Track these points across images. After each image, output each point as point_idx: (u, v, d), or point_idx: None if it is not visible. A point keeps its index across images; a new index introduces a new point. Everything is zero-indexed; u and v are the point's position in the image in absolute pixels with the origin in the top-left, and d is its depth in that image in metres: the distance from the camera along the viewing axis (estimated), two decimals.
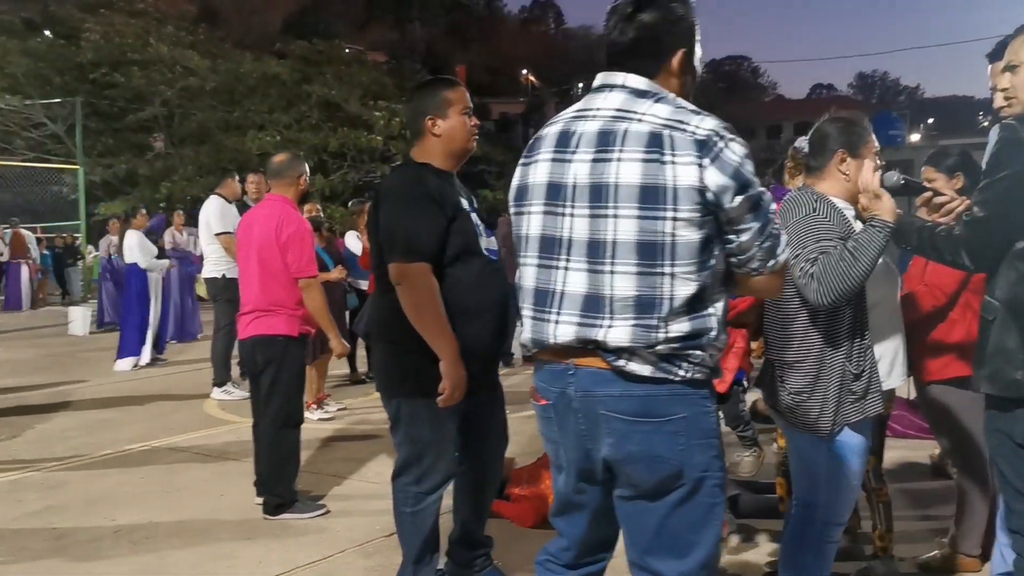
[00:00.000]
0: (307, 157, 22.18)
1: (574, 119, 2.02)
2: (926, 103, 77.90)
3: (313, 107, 23.96)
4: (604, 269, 1.90)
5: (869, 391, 2.68)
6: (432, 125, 3.11)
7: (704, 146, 1.84)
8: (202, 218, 7.93)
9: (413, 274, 2.91)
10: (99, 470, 5.54)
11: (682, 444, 1.91)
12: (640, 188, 1.85)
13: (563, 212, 1.97)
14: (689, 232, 1.84)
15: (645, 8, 1.98)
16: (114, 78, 23.46)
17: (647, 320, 1.87)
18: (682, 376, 1.90)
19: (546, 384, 2.04)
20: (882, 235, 2.54)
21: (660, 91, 1.96)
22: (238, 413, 7.09)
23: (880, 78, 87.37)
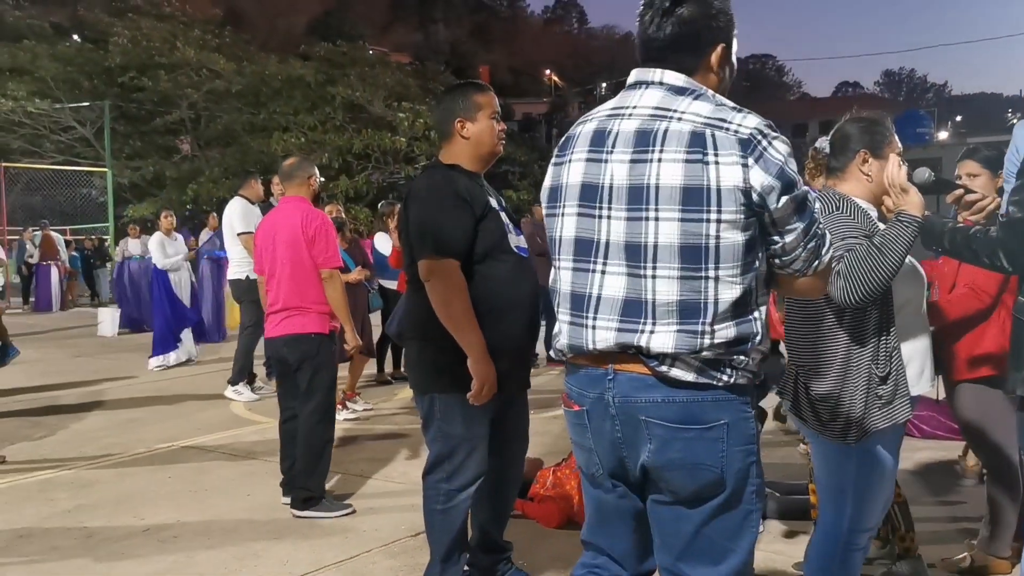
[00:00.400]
0: (332, 158, 22.33)
1: (609, 117, 1.95)
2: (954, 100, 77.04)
3: (337, 109, 24.08)
4: (644, 273, 1.84)
5: (896, 396, 2.58)
6: (461, 127, 3.15)
7: (748, 145, 1.78)
8: (225, 219, 8.01)
9: (441, 271, 2.96)
10: (128, 469, 5.60)
11: (723, 451, 1.86)
12: (682, 189, 1.79)
13: (599, 214, 1.91)
14: (733, 234, 1.79)
15: (683, 2, 1.90)
16: (142, 82, 23.75)
17: (692, 325, 1.81)
18: (726, 381, 1.85)
19: (581, 389, 1.98)
20: (910, 230, 2.46)
21: (699, 88, 1.90)
22: (265, 413, 7.14)
23: (907, 75, 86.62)
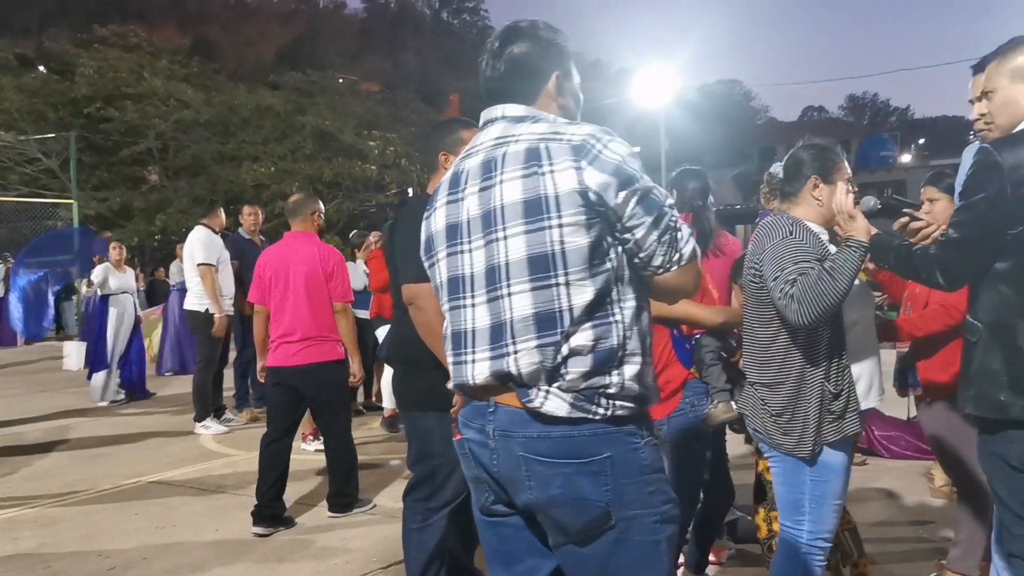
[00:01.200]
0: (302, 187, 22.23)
1: (462, 160, 2.02)
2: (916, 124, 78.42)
3: (307, 137, 24.07)
4: (501, 293, 1.86)
5: (847, 411, 2.74)
6: (445, 160, 3.24)
7: (581, 150, 1.81)
8: (187, 248, 7.91)
9: (423, 294, 3.02)
10: (94, 506, 5.50)
11: (608, 484, 1.82)
12: (523, 203, 1.82)
13: (462, 249, 1.95)
14: (577, 237, 1.80)
15: (512, 41, 2.00)
16: (108, 112, 23.58)
17: (549, 336, 1.80)
18: (602, 414, 1.81)
19: (466, 420, 1.98)
20: (857, 255, 2.59)
21: (538, 113, 1.97)
22: (234, 446, 7.05)
23: (871, 100, 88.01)
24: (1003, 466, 2.42)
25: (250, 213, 8.42)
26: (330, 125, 24.08)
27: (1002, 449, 2.42)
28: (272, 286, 4.96)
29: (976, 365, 2.43)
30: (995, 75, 2.51)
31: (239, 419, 8.07)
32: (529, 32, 2.01)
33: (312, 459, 6.47)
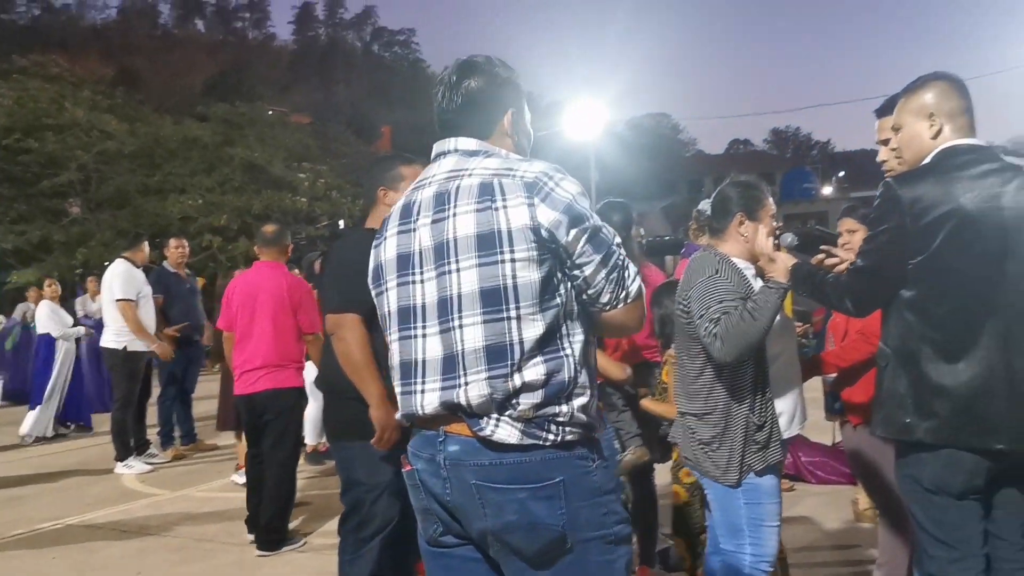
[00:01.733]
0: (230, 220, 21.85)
1: (414, 190, 2.05)
2: (837, 157, 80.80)
3: (236, 169, 23.75)
4: (453, 325, 1.88)
5: (771, 441, 2.85)
6: (383, 195, 3.32)
7: (533, 187, 1.85)
8: (105, 282, 7.66)
9: (344, 324, 3.10)
10: (10, 551, 5.27)
11: (562, 508, 1.84)
12: (476, 237, 1.85)
13: (413, 280, 1.97)
14: (528, 272, 1.83)
15: (469, 75, 2.03)
16: (27, 143, 22.90)
17: (500, 369, 1.83)
18: (552, 440, 1.84)
19: (416, 450, 1.98)
20: (777, 295, 2.71)
21: (491, 148, 2.00)
22: (159, 485, 6.86)
23: (793, 133, 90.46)
24: (918, 488, 2.50)
25: (177, 246, 8.27)
26: (259, 157, 23.82)
27: (916, 471, 2.50)
28: (239, 313, 5.10)
29: (884, 389, 2.53)
30: (902, 112, 2.63)
31: (164, 457, 7.86)
32: (486, 68, 2.05)
33: (238, 495, 6.31)
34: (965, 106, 2.56)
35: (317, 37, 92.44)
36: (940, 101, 2.55)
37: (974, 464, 2.42)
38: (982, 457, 2.41)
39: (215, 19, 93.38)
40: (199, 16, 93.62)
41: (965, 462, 2.42)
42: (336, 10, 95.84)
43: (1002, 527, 2.52)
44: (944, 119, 2.54)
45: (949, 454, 2.41)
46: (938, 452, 2.43)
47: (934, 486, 2.46)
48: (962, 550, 2.46)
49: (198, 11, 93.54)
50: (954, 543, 2.46)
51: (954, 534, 2.46)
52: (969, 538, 2.47)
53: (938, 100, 2.55)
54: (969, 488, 2.44)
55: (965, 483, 2.44)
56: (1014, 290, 2.39)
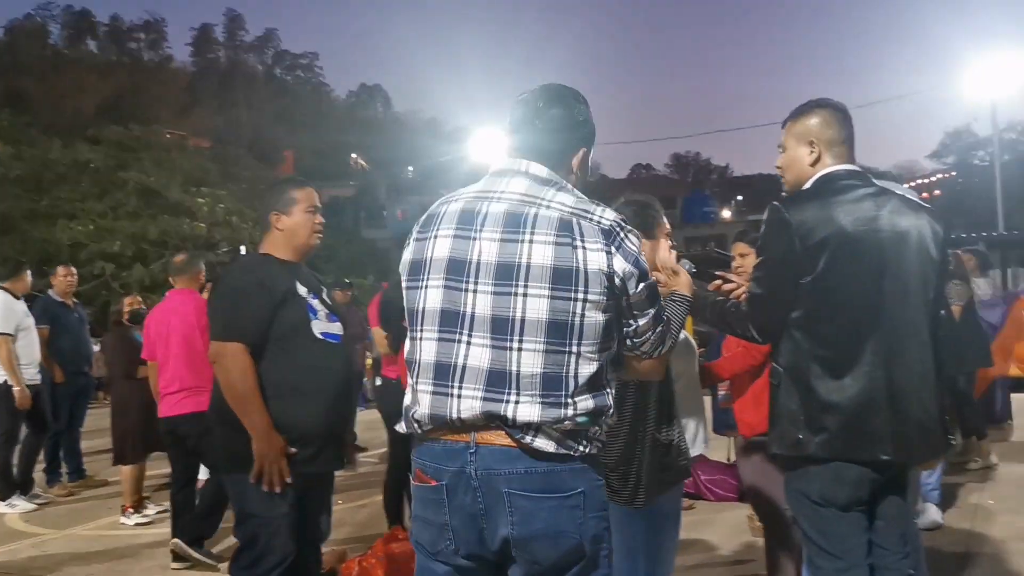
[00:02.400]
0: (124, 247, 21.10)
1: (477, 199, 2.05)
2: (736, 181, 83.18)
3: (129, 194, 23.04)
4: (510, 345, 1.93)
5: (678, 459, 2.82)
6: (276, 220, 3.26)
7: (610, 235, 1.95)
8: None
9: (226, 353, 3.04)
10: None
11: (580, 518, 1.96)
12: (553, 269, 1.92)
13: (466, 288, 1.98)
14: (595, 314, 1.93)
15: (556, 104, 2.10)
16: None
17: (554, 397, 1.92)
18: (581, 451, 1.96)
19: (439, 463, 1.99)
20: (682, 308, 2.66)
21: (561, 181, 2.06)
22: (44, 524, 6.52)
23: (694, 158, 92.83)
24: (805, 501, 2.58)
25: (65, 275, 7.94)
26: (155, 181, 23.17)
27: (803, 485, 2.57)
28: (156, 341, 5.35)
29: (778, 406, 2.60)
30: (787, 134, 2.73)
31: (50, 495, 7.49)
32: (573, 102, 2.13)
33: (135, 533, 6.08)
34: (845, 135, 2.66)
35: (217, 59, 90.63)
36: (821, 129, 2.65)
37: (858, 476, 2.50)
38: (866, 469, 2.50)
39: (108, 40, 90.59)
40: (92, 36, 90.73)
41: (850, 475, 2.50)
42: (236, 32, 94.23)
43: (884, 536, 2.62)
44: (823, 146, 2.64)
45: (836, 467, 2.50)
46: (825, 466, 2.50)
47: (821, 499, 2.53)
48: (847, 560, 2.54)
49: (91, 31, 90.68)
50: (840, 553, 2.54)
51: (840, 545, 2.54)
52: (854, 548, 2.55)
53: (819, 128, 2.65)
54: (854, 500, 2.53)
55: (850, 495, 2.52)
56: (892, 308, 2.50)
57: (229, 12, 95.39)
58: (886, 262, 2.50)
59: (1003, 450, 7.47)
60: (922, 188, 36.55)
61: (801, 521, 2.63)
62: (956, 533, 5.11)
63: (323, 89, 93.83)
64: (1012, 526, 5.22)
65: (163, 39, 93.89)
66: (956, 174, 40.95)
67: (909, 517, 2.78)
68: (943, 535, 5.07)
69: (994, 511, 5.63)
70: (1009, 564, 4.52)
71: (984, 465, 6.90)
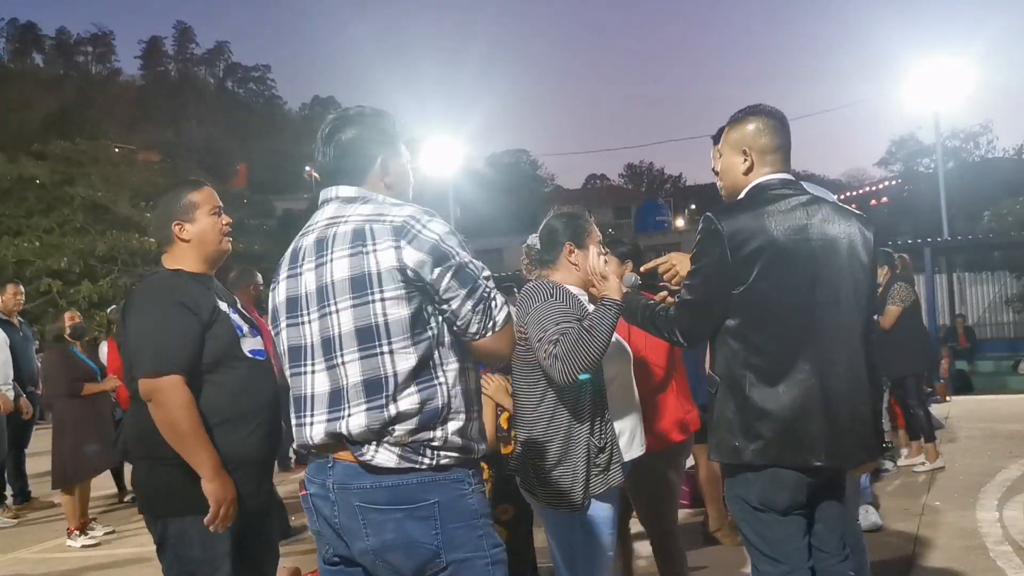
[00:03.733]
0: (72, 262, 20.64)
1: (300, 236, 2.21)
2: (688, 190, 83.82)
3: (77, 210, 22.61)
4: (338, 362, 2.04)
5: (612, 463, 2.86)
6: (180, 230, 2.96)
7: (401, 231, 2.01)
8: None
9: (163, 388, 2.70)
10: None
11: (436, 528, 1.99)
12: (350, 280, 2.02)
13: (301, 321, 2.13)
14: (398, 309, 1.99)
15: (342, 128, 2.20)
16: None
17: (376, 400, 1.99)
18: (428, 464, 1.99)
19: (311, 476, 2.14)
20: (612, 312, 2.73)
21: (368, 195, 2.16)
22: None
23: (647, 168, 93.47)
24: (746, 507, 2.61)
25: (14, 293, 7.80)
26: (103, 196, 22.77)
27: (743, 491, 2.60)
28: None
29: (716, 415, 2.62)
30: (724, 141, 2.75)
31: None
32: (356, 119, 2.22)
33: (82, 555, 5.94)
34: (779, 143, 2.67)
35: (167, 72, 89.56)
36: (755, 137, 2.66)
37: (796, 481, 2.53)
38: (803, 474, 2.53)
39: (55, 53, 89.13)
40: (38, 50, 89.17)
41: (788, 479, 2.53)
42: (187, 45, 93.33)
43: (823, 540, 2.65)
44: (756, 155, 2.66)
45: (773, 473, 2.52)
46: (763, 472, 2.53)
47: (761, 503, 2.56)
48: (790, 564, 2.57)
49: (36, 45, 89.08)
50: (781, 557, 2.57)
51: (780, 549, 2.57)
52: (794, 552, 2.58)
53: (753, 136, 2.66)
54: (793, 504, 2.56)
55: (789, 499, 2.55)
56: (825, 315, 2.53)
57: (179, 25, 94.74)
58: (818, 270, 2.54)
59: (950, 451, 7.64)
60: (870, 195, 37.42)
61: (742, 527, 2.66)
62: (904, 535, 5.19)
63: (276, 101, 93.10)
64: (958, 526, 5.33)
65: (111, 52, 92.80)
66: (902, 181, 41.79)
67: (849, 520, 2.83)
68: (891, 537, 5.15)
69: (941, 511, 5.74)
70: (956, 564, 4.60)
71: (933, 467, 7.04)
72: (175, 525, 2.84)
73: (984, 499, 5.97)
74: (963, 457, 7.57)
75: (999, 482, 6.47)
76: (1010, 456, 7.41)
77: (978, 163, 37.98)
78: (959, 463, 7.30)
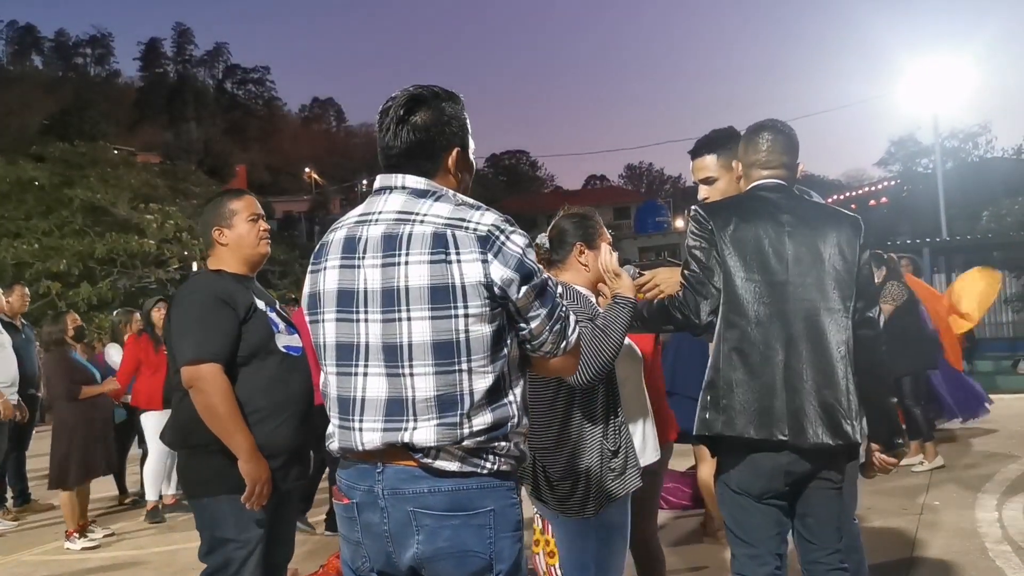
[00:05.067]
0: (71, 265, 20.60)
1: (358, 224, 2.02)
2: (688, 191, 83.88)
3: (76, 212, 22.53)
4: (402, 372, 1.91)
5: (627, 467, 2.79)
6: (219, 235, 3.22)
7: (487, 241, 1.89)
8: None
9: (204, 376, 2.94)
10: None
11: (491, 537, 1.92)
12: (430, 289, 1.88)
13: (357, 318, 1.96)
14: (481, 327, 1.88)
15: (417, 110, 2.01)
16: None
17: (450, 418, 1.89)
18: (489, 468, 1.93)
19: (352, 482, 2.01)
20: (627, 310, 2.73)
21: (439, 189, 2.00)
22: None
23: (647, 169, 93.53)
24: (726, 490, 2.74)
25: (21, 295, 7.85)
26: (102, 198, 22.72)
27: (725, 476, 2.74)
28: None
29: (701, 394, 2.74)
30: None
31: None
32: (433, 103, 2.02)
33: (81, 558, 5.94)
34: (786, 154, 2.82)
35: (165, 74, 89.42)
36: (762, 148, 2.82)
37: (772, 468, 2.65)
38: (780, 460, 2.64)
39: (54, 55, 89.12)
40: (37, 52, 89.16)
41: (764, 466, 2.65)
42: (185, 47, 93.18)
43: (814, 532, 2.75)
44: (762, 164, 2.82)
45: (751, 459, 2.66)
46: (741, 457, 2.67)
47: (739, 488, 2.71)
48: (758, 548, 2.70)
49: (35, 47, 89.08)
50: (751, 540, 2.71)
51: (752, 533, 2.71)
52: (765, 538, 2.70)
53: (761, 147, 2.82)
54: (768, 490, 2.68)
55: (764, 486, 2.67)
56: (797, 300, 2.66)
57: (178, 26, 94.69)
58: (798, 264, 2.67)
59: (948, 451, 7.65)
60: (869, 195, 37.36)
61: (722, 509, 2.79)
62: (903, 535, 5.20)
63: (275, 103, 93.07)
64: (957, 526, 5.33)
65: (110, 54, 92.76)
66: (901, 181, 41.78)
67: (845, 515, 2.90)
68: (890, 537, 5.16)
69: (940, 510, 5.75)
70: (956, 564, 4.61)
71: (932, 467, 7.05)
72: (212, 505, 3.08)
73: (983, 499, 5.98)
74: (962, 457, 7.58)
75: (998, 482, 6.48)
76: (1009, 456, 7.42)
77: (977, 163, 37.97)
78: (958, 463, 7.31)
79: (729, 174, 3.04)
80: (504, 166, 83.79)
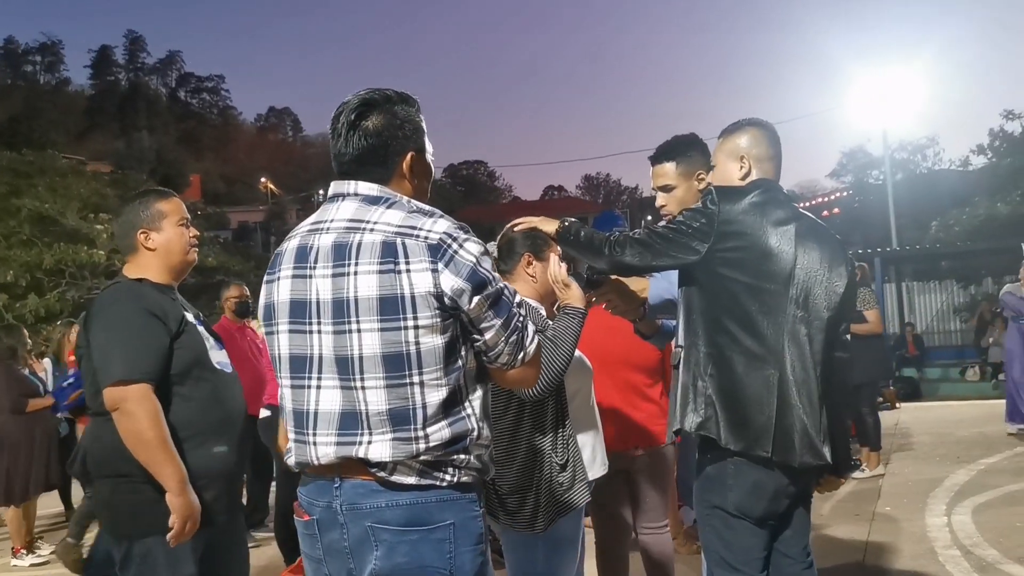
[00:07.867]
0: (18, 276, 20.12)
1: (310, 232, 1.96)
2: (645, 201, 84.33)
3: (23, 222, 22.03)
4: (355, 385, 1.86)
5: (576, 481, 2.75)
6: (145, 239, 2.90)
7: (437, 250, 1.82)
8: None
9: (131, 397, 2.61)
10: None
11: (450, 552, 1.86)
12: (379, 300, 1.82)
13: (309, 330, 1.91)
14: (432, 338, 1.83)
15: (368, 115, 1.94)
16: None
17: (404, 432, 1.83)
18: (449, 481, 1.87)
19: (312, 498, 1.94)
20: (576, 321, 2.68)
21: (392, 195, 1.93)
22: None
23: (604, 179, 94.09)
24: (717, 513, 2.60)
25: None
26: (50, 208, 22.23)
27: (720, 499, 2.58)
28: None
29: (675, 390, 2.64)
30: (717, 152, 2.79)
31: None
32: (385, 106, 1.95)
33: (29, 574, 5.79)
34: (773, 152, 2.75)
35: (117, 82, 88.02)
36: (751, 145, 2.72)
37: (776, 489, 2.54)
38: (784, 481, 2.53)
39: (2, 63, 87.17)
40: None
41: (769, 487, 2.53)
42: (137, 55, 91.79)
43: (790, 546, 2.66)
44: (752, 162, 2.71)
45: (755, 481, 2.52)
46: (744, 479, 2.53)
47: (738, 510, 2.55)
48: (748, 572, 2.57)
49: None
50: (741, 566, 2.56)
51: (743, 556, 2.56)
52: (755, 561, 2.58)
53: (749, 144, 2.72)
54: (770, 513, 2.57)
55: (767, 508, 2.55)
56: (793, 311, 2.55)
57: (130, 34, 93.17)
58: (792, 271, 2.55)
59: (899, 457, 7.77)
60: (822, 206, 37.91)
61: (707, 531, 2.63)
62: (854, 541, 5.26)
63: (230, 112, 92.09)
64: (908, 531, 5.41)
65: (60, 61, 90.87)
66: (853, 192, 42.47)
67: (809, 528, 2.83)
68: (841, 542, 5.22)
69: (891, 516, 5.83)
70: (906, 568, 4.67)
71: (872, 474, 7.15)
72: (140, 546, 2.73)
73: (933, 504, 6.06)
74: (912, 463, 7.70)
75: (947, 487, 6.59)
76: (958, 461, 7.54)
77: (925, 175, 38.69)
78: (908, 469, 7.42)
79: (688, 182, 3.00)
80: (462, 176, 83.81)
